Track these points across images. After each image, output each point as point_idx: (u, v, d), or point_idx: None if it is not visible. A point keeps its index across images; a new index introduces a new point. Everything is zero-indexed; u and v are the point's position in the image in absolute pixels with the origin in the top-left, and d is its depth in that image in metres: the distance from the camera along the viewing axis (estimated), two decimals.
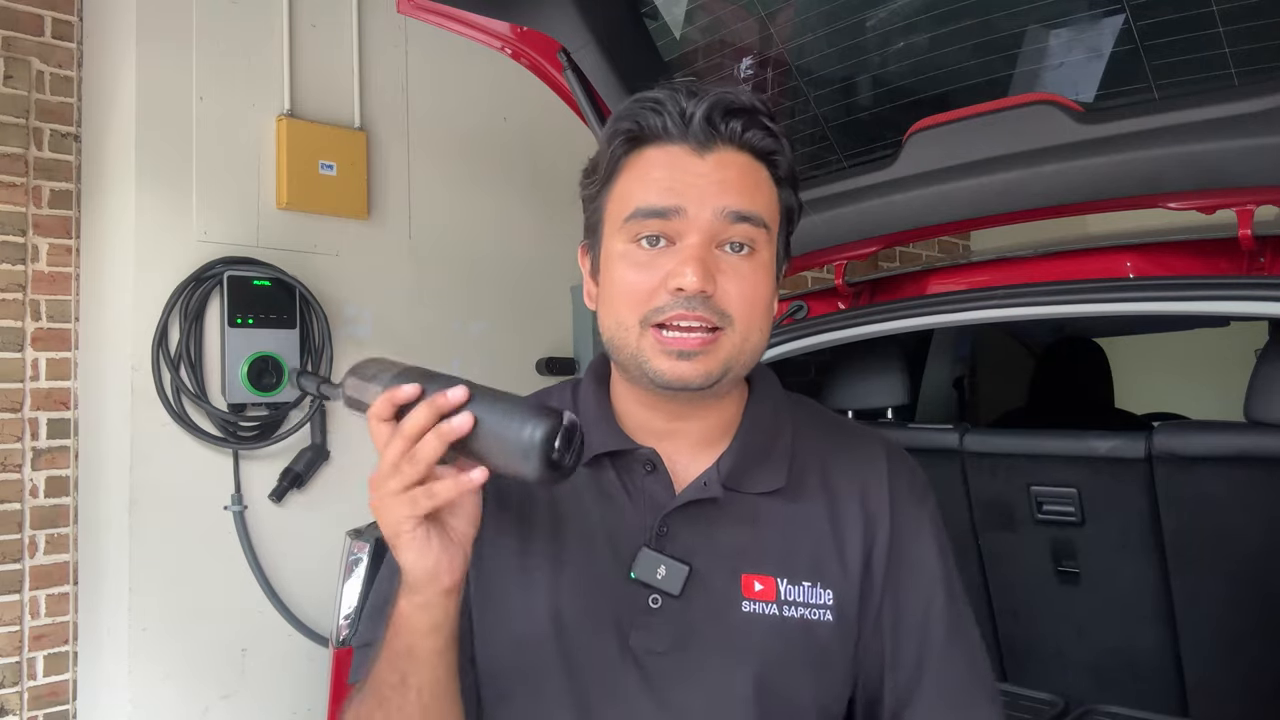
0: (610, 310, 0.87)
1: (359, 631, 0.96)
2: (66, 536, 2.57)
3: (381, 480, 0.76)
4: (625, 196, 0.87)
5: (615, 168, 0.89)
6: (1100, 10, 1.43)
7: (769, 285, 0.87)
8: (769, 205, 0.87)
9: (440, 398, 0.75)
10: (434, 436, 0.74)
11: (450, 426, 0.74)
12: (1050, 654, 2.11)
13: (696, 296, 0.82)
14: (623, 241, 0.86)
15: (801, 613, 0.88)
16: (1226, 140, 1.36)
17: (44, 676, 2.53)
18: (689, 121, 0.85)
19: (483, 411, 0.75)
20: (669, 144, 0.86)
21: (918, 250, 4.67)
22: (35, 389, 2.53)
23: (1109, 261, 1.73)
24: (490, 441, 0.75)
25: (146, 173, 2.45)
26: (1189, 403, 3.15)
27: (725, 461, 0.90)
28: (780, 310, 2.07)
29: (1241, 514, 1.74)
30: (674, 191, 0.84)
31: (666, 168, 0.85)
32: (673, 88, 0.87)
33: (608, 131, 0.89)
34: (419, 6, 1.72)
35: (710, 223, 0.83)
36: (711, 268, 0.83)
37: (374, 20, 2.88)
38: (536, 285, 3.22)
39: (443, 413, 0.75)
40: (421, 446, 0.74)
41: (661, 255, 0.84)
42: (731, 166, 0.85)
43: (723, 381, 0.86)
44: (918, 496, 0.95)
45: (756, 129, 0.86)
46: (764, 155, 0.87)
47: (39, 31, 2.55)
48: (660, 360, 0.84)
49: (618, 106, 0.97)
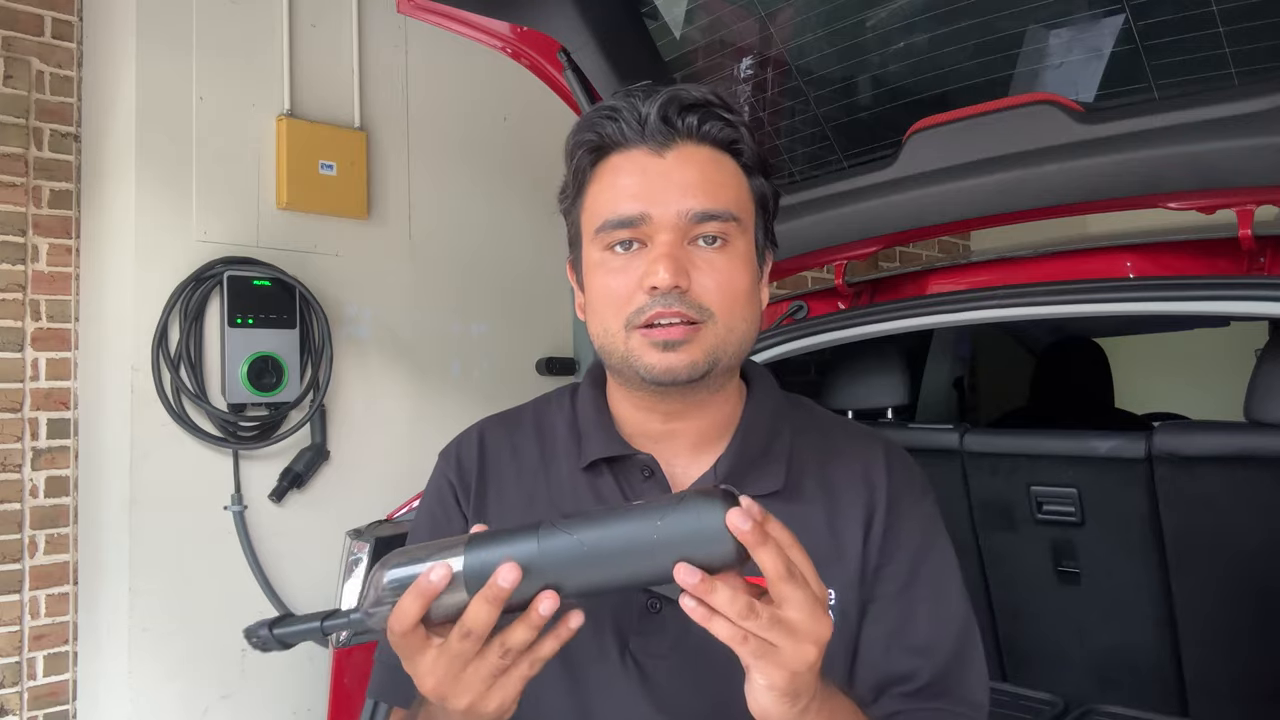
0: (597, 318, 0.89)
1: (382, 645, 0.95)
2: (66, 536, 2.57)
3: (451, 676, 0.70)
4: (595, 207, 0.88)
5: (583, 180, 0.90)
6: (1100, 10, 1.43)
7: (747, 275, 0.87)
8: (737, 196, 0.87)
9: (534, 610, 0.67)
10: (534, 633, 0.69)
11: (546, 618, 0.68)
12: (1050, 654, 2.11)
13: (671, 293, 0.83)
14: (598, 250, 0.88)
15: None
16: (1226, 140, 1.36)
17: (44, 676, 2.53)
18: (645, 123, 0.86)
19: (600, 540, 0.67)
20: (629, 148, 0.87)
21: (918, 250, 4.67)
22: (35, 389, 2.53)
23: (1109, 261, 1.73)
24: (644, 559, 0.67)
25: (146, 173, 2.45)
26: (1189, 403, 3.15)
27: (723, 464, 0.90)
28: (780, 310, 2.07)
29: (1241, 514, 1.74)
30: (639, 198, 0.85)
31: (630, 173, 0.86)
32: (629, 93, 0.88)
33: (570, 145, 0.91)
34: (419, 6, 1.72)
35: (677, 221, 0.84)
36: (685, 263, 0.84)
37: (374, 20, 2.88)
38: (536, 285, 3.22)
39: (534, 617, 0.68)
40: (520, 645, 0.69)
41: (635, 258, 0.85)
42: (692, 162, 0.86)
43: (712, 373, 0.86)
44: (916, 495, 0.95)
45: (714, 121, 0.87)
46: (726, 145, 0.88)
47: (39, 31, 2.54)
48: (649, 355, 0.84)
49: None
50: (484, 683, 0.69)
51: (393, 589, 0.69)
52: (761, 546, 0.65)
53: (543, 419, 0.99)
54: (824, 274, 3.50)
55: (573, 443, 0.95)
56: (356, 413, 2.81)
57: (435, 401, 2.96)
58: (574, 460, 0.94)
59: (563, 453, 0.95)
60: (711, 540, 0.65)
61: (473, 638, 0.68)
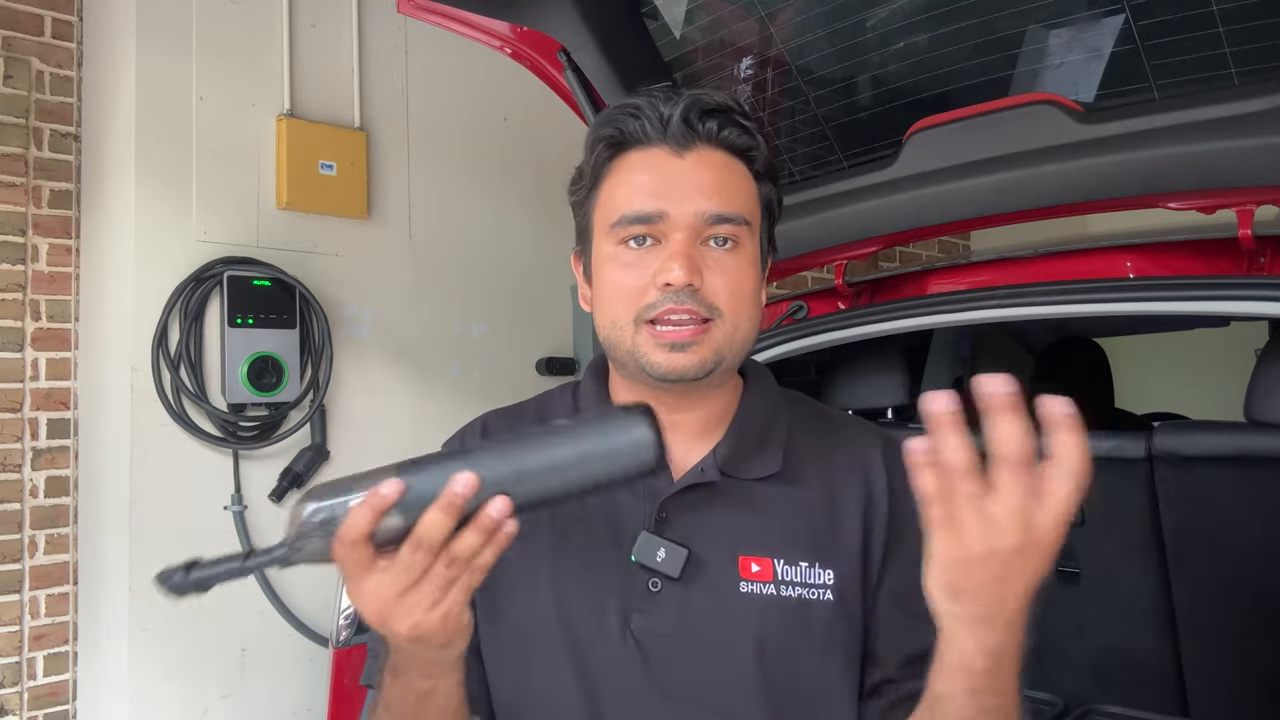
0: (605, 310, 0.90)
1: (371, 632, 0.96)
2: (66, 536, 2.57)
3: (396, 594, 0.70)
4: (611, 202, 0.90)
5: (600, 173, 0.92)
6: (1100, 10, 1.43)
7: (754, 277, 0.90)
8: (748, 201, 0.90)
9: (451, 496, 0.68)
10: (485, 540, 0.69)
11: (499, 521, 0.69)
12: (1050, 654, 2.10)
13: (684, 290, 0.85)
14: (611, 244, 0.90)
15: (799, 592, 0.89)
16: (1226, 140, 1.36)
17: (44, 676, 2.53)
18: (667, 124, 0.88)
19: (527, 462, 0.70)
20: (649, 147, 0.90)
21: (918, 250, 4.67)
22: (35, 389, 2.53)
23: (1109, 261, 1.73)
24: (573, 469, 0.70)
25: (146, 173, 2.45)
26: (1189, 403, 3.15)
27: (722, 448, 0.93)
28: (780, 310, 2.07)
29: (1241, 514, 1.74)
30: (656, 195, 0.87)
31: (648, 170, 0.89)
32: (650, 93, 0.91)
33: (590, 139, 0.93)
34: (419, 6, 1.72)
35: (693, 221, 0.87)
36: (697, 262, 0.86)
37: (374, 20, 2.88)
38: (536, 285, 3.22)
39: (461, 509, 0.68)
40: (469, 551, 0.69)
41: (649, 254, 0.87)
42: (710, 166, 0.88)
43: (717, 371, 0.88)
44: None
45: (732, 127, 0.90)
46: (741, 152, 0.91)
47: (39, 31, 2.55)
48: (656, 354, 0.87)
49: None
50: (429, 599, 0.70)
51: (319, 522, 0.69)
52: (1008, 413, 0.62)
53: (545, 411, 1.02)
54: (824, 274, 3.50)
55: None
56: (356, 413, 2.81)
57: (435, 401, 2.96)
58: None
59: None
60: (637, 447, 0.70)
61: (424, 549, 0.68)
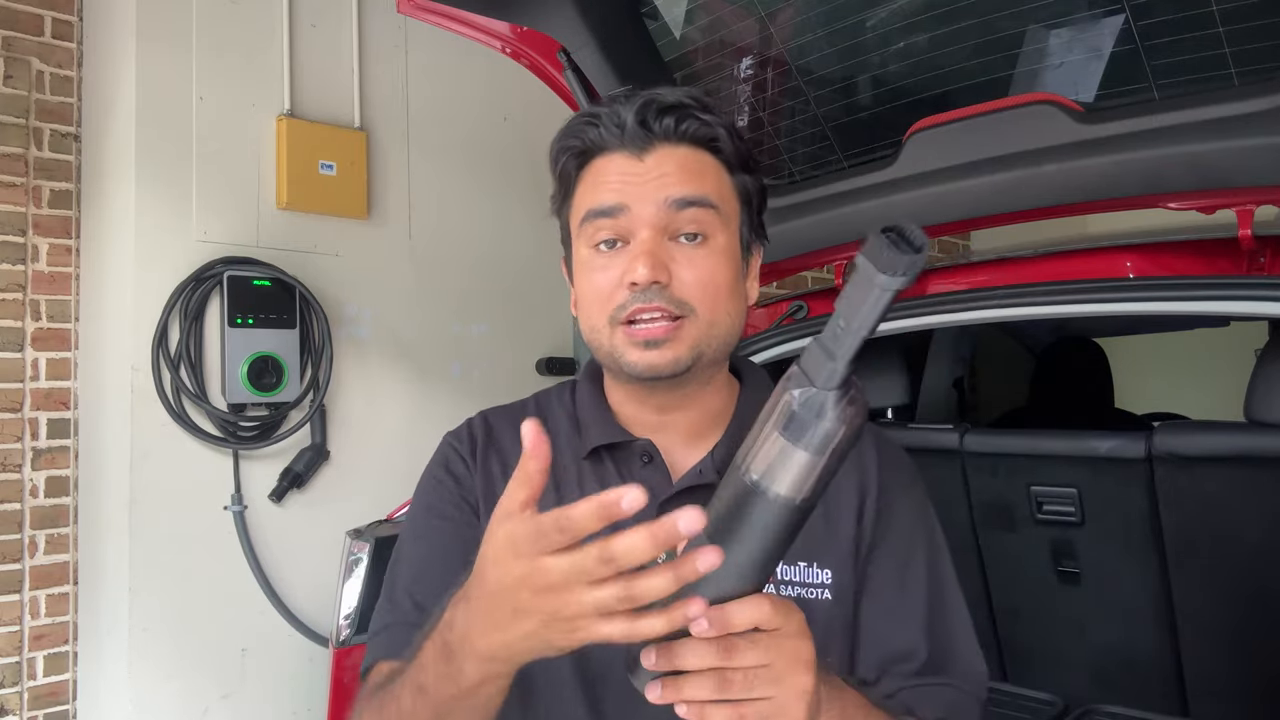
0: (585, 314, 0.92)
1: (378, 607, 0.96)
2: (66, 536, 2.57)
3: (545, 587, 0.60)
4: (579, 206, 0.92)
5: (570, 183, 0.94)
6: (1100, 10, 1.43)
7: (728, 270, 0.90)
8: (717, 189, 0.90)
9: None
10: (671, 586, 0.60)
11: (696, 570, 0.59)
12: (1050, 654, 2.11)
13: (651, 288, 0.85)
14: (585, 248, 0.91)
15: (798, 592, 0.90)
16: (1226, 140, 1.36)
17: (44, 676, 2.53)
18: (624, 128, 0.89)
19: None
20: (611, 153, 0.90)
21: None
22: (35, 389, 2.53)
23: (1109, 261, 1.73)
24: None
25: (146, 173, 2.45)
26: (1189, 403, 3.16)
27: (719, 450, 0.93)
28: (780, 310, 2.07)
29: (1241, 514, 1.74)
30: (618, 192, 0.88)
31: (611, 174, 0.90)
32: (610, 98, 0.92)
33: (555, 151, 0.94)
34: (419, 6, 1.72)
35: (656, 216, 0.87)
36: (665, 259, 0.87)
37: (374, 20, 2.88)
38: (536, 285, 3.22)
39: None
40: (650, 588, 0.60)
41: (617, 255, 0.89)
42: (670, 160, 0.89)
43: (697, 367, 0.89)
44: (906, 481, 0.98)
45: (690, 120, 0.90)
46: (705, 144, 0.91)
47: (39, 31, 2.55)
48: (631, 352, 0.88)
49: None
50: (559, 617, 0.60)
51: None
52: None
53: (544, 409, 1.02)
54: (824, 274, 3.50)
55: (574, 432, 0.98)
56: (356, 413, 2.81)
57: (435, 401, 2.96)
58: (575, 449, 0.97)
59: (564, 442, 0.97)
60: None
61: (612, 566, 0.58)
